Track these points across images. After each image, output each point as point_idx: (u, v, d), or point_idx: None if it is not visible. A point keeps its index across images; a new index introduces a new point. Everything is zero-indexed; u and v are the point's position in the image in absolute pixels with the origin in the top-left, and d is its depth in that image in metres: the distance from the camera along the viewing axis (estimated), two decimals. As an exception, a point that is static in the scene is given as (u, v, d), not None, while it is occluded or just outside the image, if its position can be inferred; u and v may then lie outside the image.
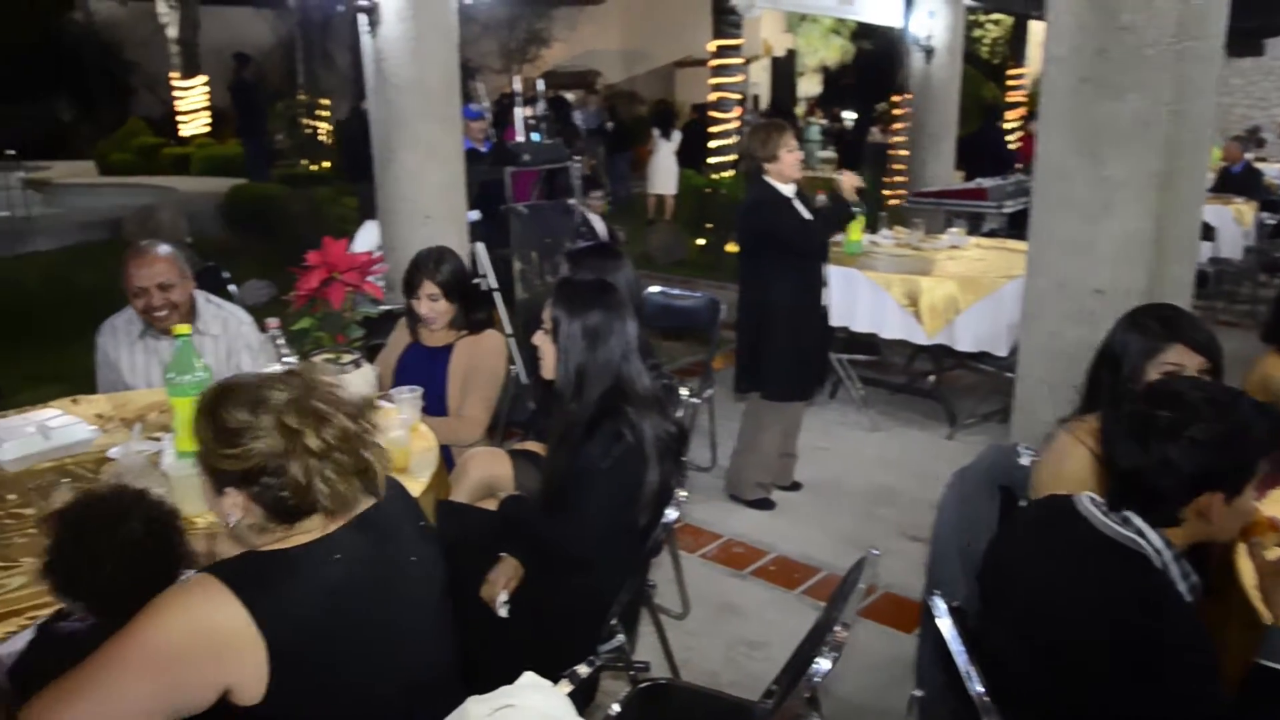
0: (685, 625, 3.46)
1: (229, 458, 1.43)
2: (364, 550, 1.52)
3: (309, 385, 1.49)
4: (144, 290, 3.09)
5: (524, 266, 5.34)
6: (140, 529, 1.60)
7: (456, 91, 4.79)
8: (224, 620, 1.36)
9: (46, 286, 8.08)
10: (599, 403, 2.39)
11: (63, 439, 2.65)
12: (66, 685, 1.38)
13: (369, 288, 2.53)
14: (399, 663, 1.56)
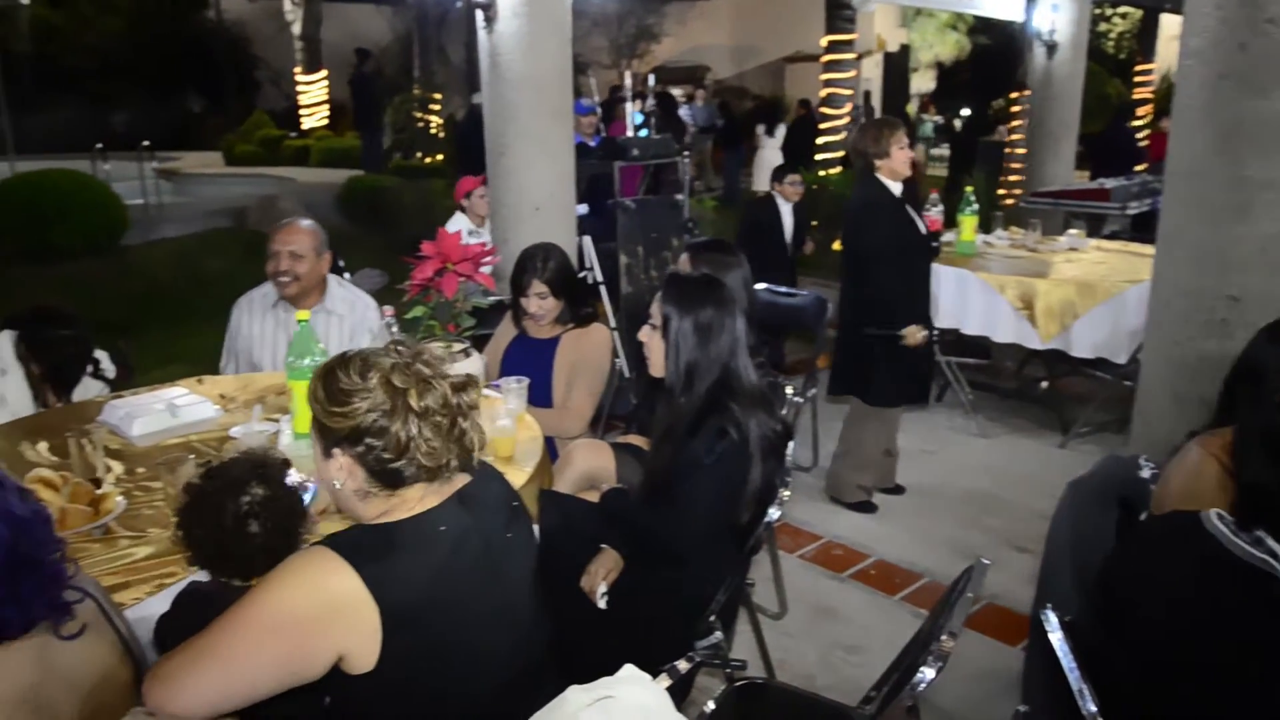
0: (782, 626, 3.43)
1: (337, 416, 1.51)
2: (466, 524, 1.56)
3: (416, 353, 1.56)
4: (276, 254, 3.27)
5: (629, 261, 5.36)
6: (261, 497, 1.66)
7: (569, 86, 4.83)
8: (340, 588, 1.42)
9: (174, 271, 8.49)
10: (705, 398, 2.39)
11: (189, 417, 2.77)
12: (194, 647, 1.45)
13: (481, 278, 2.58)
14: (500, 639, 1.60)
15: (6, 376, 3.01)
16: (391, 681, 1.46)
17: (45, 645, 1.46)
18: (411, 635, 1.45)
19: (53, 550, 1.41)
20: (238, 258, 8.83)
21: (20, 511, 1.35)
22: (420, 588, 1.48)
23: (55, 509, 2.03)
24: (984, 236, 5.92)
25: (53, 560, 1.40)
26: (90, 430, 2.55)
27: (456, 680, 1.54)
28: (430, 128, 14.11)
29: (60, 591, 1.42)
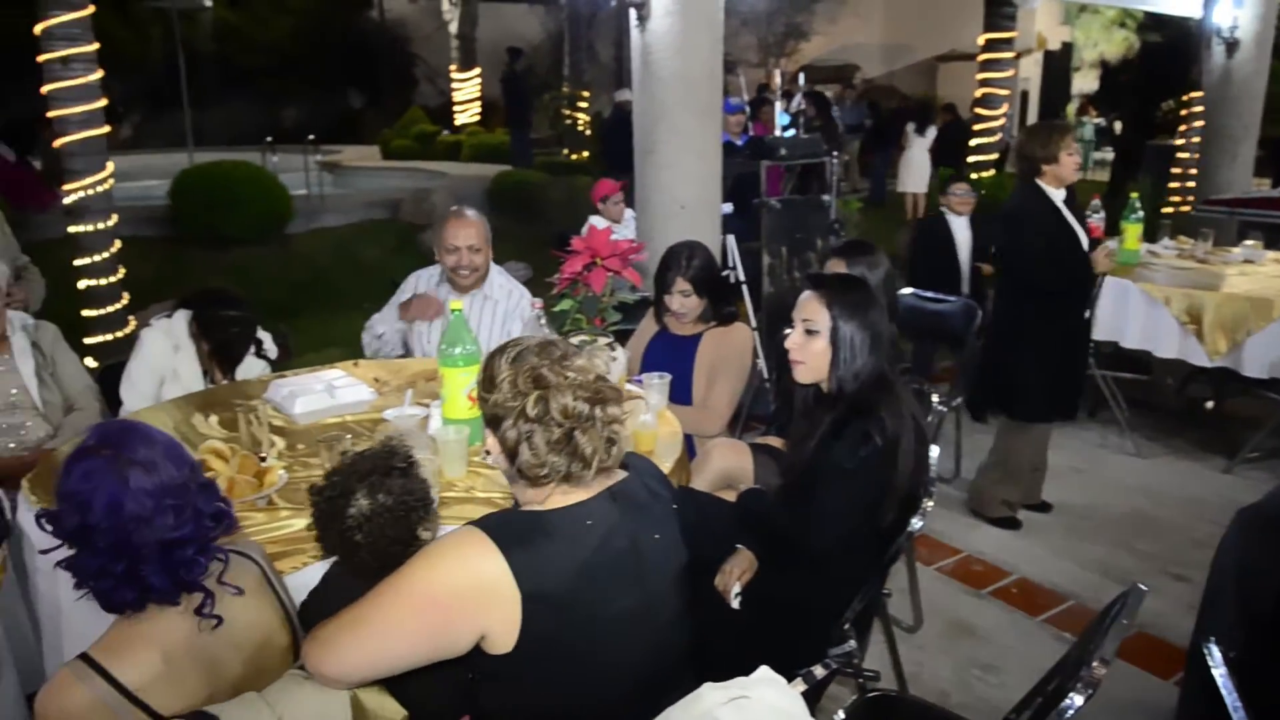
0: (916, 639, 3.35)
1: (483, 399, 1.58)
2: (615, 521, 1.59)
3: (560, 356, 1.58)
4: (457, 249, 3.39)
5: (773, 261, 5.32)
6: (371, 508, 1.68)
7: (719, 85, 4.84)
8: (488, 570, 1.47)
9: (333, 259, 8.89)
10: (853, 401, 2.34)
11: (345, 398, 2.90)
12: (350, 616, 1.53)
13: (629, 274, 2.61)
14: (638, 637, 1.61)
15: (180, 353, 3.23)
16: (527, 665, 1.50)
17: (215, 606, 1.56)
18: (549, 622, 1.49)
19: (185, 536, 1.47)
20: (391, 247, 9.20)
21: (139, 503, 1.42)
22: (561, 578, 1.51)
23: (224, 479, 2.16)
24: (1149, 246, 5.62)
25: (184, 543, 1.47)
26: (256, 407, 2.71)
27: (590, 672, 1.57)
28: (578, 125, 14.33)
29: (195, 574, 1.50)
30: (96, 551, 1.42)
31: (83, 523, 1.41)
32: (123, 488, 1.41)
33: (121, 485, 1.41)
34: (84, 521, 1.41)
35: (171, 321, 3.24)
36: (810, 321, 2.40)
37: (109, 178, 5.40)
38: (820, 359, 2.39)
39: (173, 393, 3.14)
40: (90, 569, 1.43)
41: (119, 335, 5.48)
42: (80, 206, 5.29)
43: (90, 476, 1.41)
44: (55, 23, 5.02)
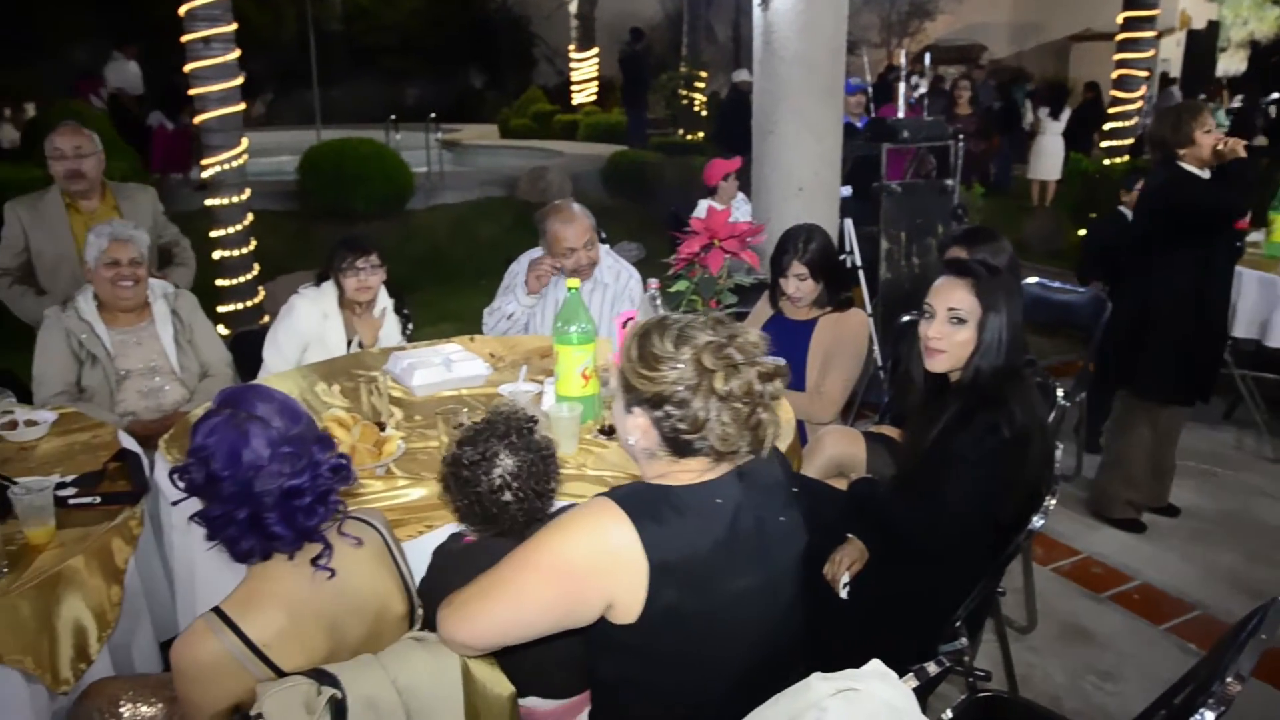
0: (1029, 640, 3.25)
1: (645, 379, 1.54)
2: (742, 500, 1.58)
3: (731, 335, 1.56)
4: (574, 250, 3.39)
5: (890, 246, 5.19)
6: (513, 468, 1.74)
7: (841, 65, 4.75)
8: (619, 540, 1.48)
9: (450, 235, 9.09)
10: (982, 391, 2.26)
11: (462, 372, 2.96)
12: (483, 584, 1.57)
13: (747, 256, 2.58)
14: (757, 617, 1.61)
15: (327, 321, 3.36)
16: (648, 637, 1.51)
17: (338, 571, 1.62)
18: (673, 596, 1.49)
19: (302, 485, 1.54)
20: (507, 225, 9.35)
21: (256, 452, 1.50)
22: (688, 552, 1.51)
23: (346, 446, 2.23)
24: (1299, 238, 5.27)
25: (301, 492, 1.54)
26: (377, 378, 2.78)
27: (709, 649, 1.57)
28: (694, 105, 14.27)
29: (313, 522, 1.57)
30: (222, 500, 1.51)
31: (208, 474, 1.50)
32: (241, 439, 1.51)
33: (240, 437, 1.51)
34: (209, 473, 1.50)
35: (320, 291, 3.38)
36: (958, 310, 2.29)
37: (243, 153, 5.63)
38: (963, 349, 2.29)
39: (314, 359, 3.29)
40: (217, 518, 1.52)
41: (249, 305, 5.73)
42: (216, 180, 5.53)
43: (213, 432, 1.52)
44: (198, 4, 5.24)
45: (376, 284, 3.38)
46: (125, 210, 3.90)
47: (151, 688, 1.91)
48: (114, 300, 3.14)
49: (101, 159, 3.85)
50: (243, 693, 1.50)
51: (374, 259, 3.33)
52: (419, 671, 1.56)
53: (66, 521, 2.13)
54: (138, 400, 3.15)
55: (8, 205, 3.80)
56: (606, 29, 16.84)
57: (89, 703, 1.89)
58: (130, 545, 2.20)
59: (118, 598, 2.11)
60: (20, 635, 1.85)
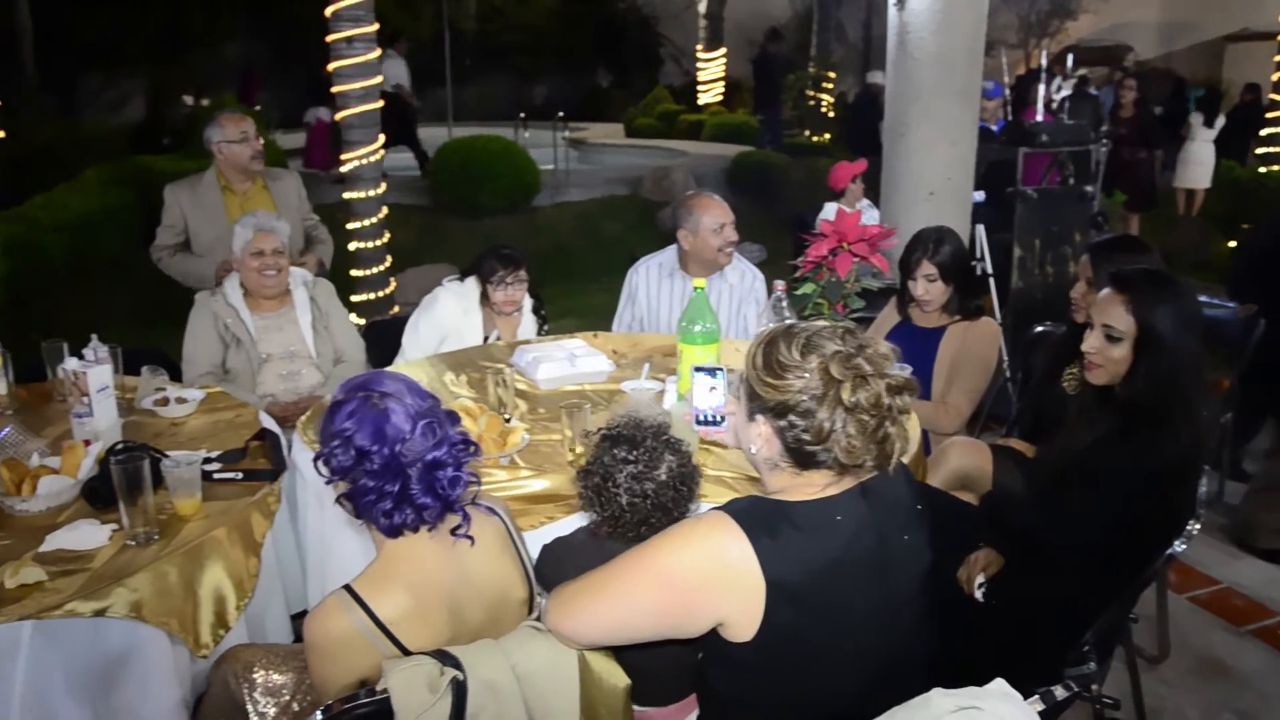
0: (1160, 672, 3.09)
1: (769, 387, 1.52)
2: (864, 518, 1.53)
3: (860, 345, 1.52)
4: (724, 225, 3.45)
5: (1024, 254, 5.02)
6: (668, 468, 1.75)
7: (979, 66, 4.62)
8: (734, 556, 1.45)
9: (575, 232, 9.21)
10: (1144, 408, 2.16)
11: (585, 367, 3.00)
12: (594, 581, 1.57)
13: (876, 260, 2.54)
14: (877, 638, 1.56)
15: (468, 315, 3.48)
16: (764, 656, 1.48)
17: (461, 555, 1.66)
18: (791, 615, 1.46)
19: (442, 457, 1.61)
20: (631, 223, 9.42)
21: (398, 427, 1.57)
22: (808, 571, 1.47)
23: (472, 435, 2.28)
24: None
25: (443, 463, 1.60)
26: (503, 370, 2.84)
27: (825, 668, 1.53)
28: (821, 106, 14.08)
29: (457, 491, 1.63)
30: (373, 475, 1.56)
31: (356, 452, 1.56)
32: (382, 416, 1.57)
33: (381, 414, 1.57)
34: (357, 451, 1.56)
35: (463, 285, 3.50)
36: (1111, 327, 2.20)
37: (380, 149, 5.83)
38: (1120, 365, 2.20)
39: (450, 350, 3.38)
40: (369, 493, 1.57)
41: (381, 295, 5.92)
42: (354, 175, 5.74)
43: (351, 415, 1.58)
44: (342, 5, 5.45)
45: (522, 296, 3.49)
46: (274, 191, 4.09)
47: (283, 657, 2.00)
48: (258, 288, 3.29)
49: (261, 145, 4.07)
50: (369, 669, 1.56)
51: (522, 274, 3.45)
52: (537, 658, 1.59)
53: (211, 495, 2.24)
54: (277, 383, 3.30)
55: (168, 189, 4.03)
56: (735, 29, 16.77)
57: (225, 667, 1.99)
58: (268, 520, 2.31)
59: (255, 569, 2.21)
60: (168, 599, 1.96)
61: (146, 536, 2.04)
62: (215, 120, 4.02)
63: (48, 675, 1.80)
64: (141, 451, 2.18)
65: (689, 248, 3.51)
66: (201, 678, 2.07)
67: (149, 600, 1.92)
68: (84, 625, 1.84)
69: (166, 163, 9.14)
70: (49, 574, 1.89)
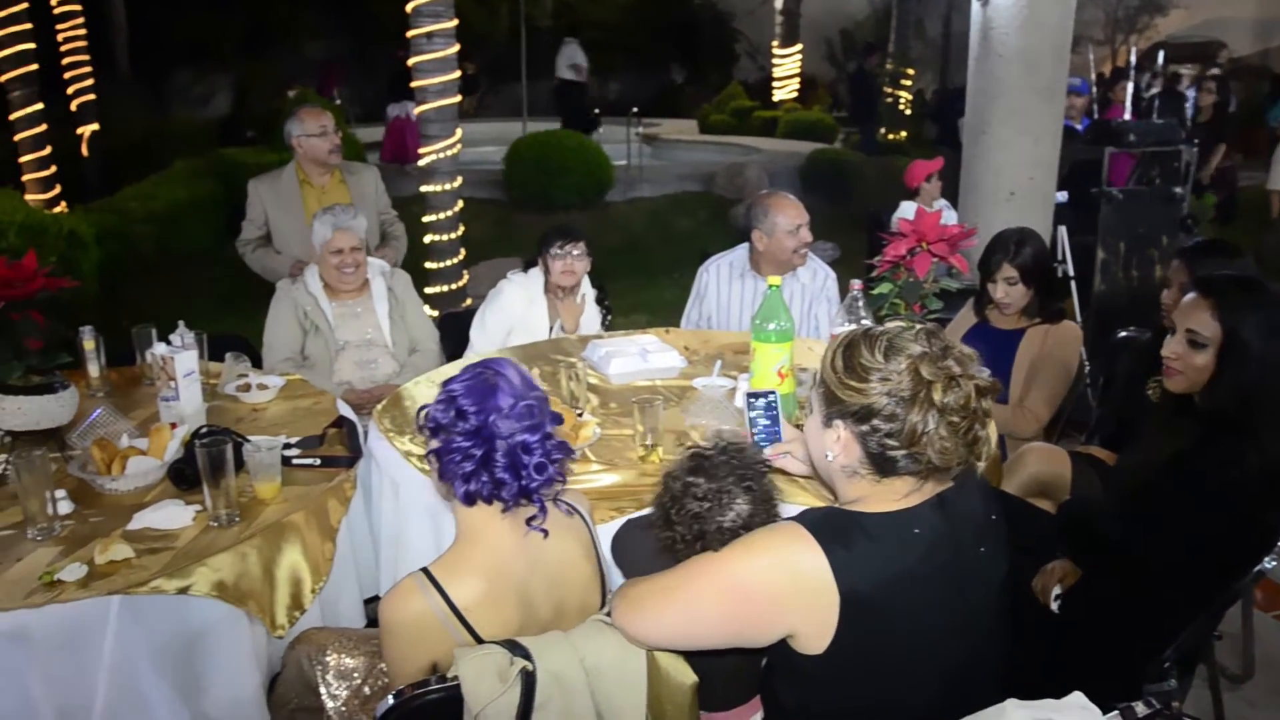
0: (1244, 691, 2.98)
1: (851, 390, 1.48)
2: (940, 530, 1.50)
3: (945, 346, 1.49)
4: (799, 227, 3.44)
5: (1107, 257, 4.88)
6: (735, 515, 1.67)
7: (1065, 64, 4.51)
8: (807, 568, 1.42)
9: (647, 228, 9.23)
10: (1228, 416, 2.09)
11: (657, 363, 3.01)
12: (662, 584, 1.57)
13: (956, 261, 2.49)
14: (952, 651, 1.53)
15: (533, 306, 3.52)
16: (836, 669, 1.46)
17: (535, 547, 1.67)
18: (865, 629, 1.43)
19: (533, 443, 1.63)
20: (703, 220, 9.40)
21: (499, 401, 1.61)
22: (883, 584, 1.44)
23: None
24: None
25: (531, 449, 1.63)
26: (576, 364, 2.86)
27: (898, 680, 1.51)
28: (899, 104, 13.87)
29: (535, 482, 1.64)
30: (465, 435, 1.60)
31: (456, 411, 1.61)
32: (489, 389, 1.62)
33: (489, 387, 1.62)
34: (457, 410, 1.61)
35: (528, 277, 3.55)
36: (1195, 333, 2.13)
37: (457, 143, 5.90)
38: (1202, 373, 2.13)
39: (517, 341, 3.45)
40: (455, 453, 1.61)
41: (454, 287, 6.00)
42: (431, 168, 5.83)
43: (464, 381, 1.64)
44: (422, 1, 5.53)
45: (581, 271, 3.50)
46: (351, 185, 4.18)
47: (355, 641, 2.04)
48: (337, 283, 3.37)
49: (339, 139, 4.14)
50: (442, 653, 1.58)
51: (581, 247, 3.47)
52: (606, 652, 1.59)
53: (289, 480, 2.29)
54: (353, 370, 3.37)
55: (251, 183, 4.15)
56: (811, 25, 16.62)
57: (300, 648, 2.04)
58: (343, 506, 2.35)
59: (330, 554, 2.26)
60: (247, 580, 2.01)
61: (228, 518, 2.09)
62: (295, 115, 4.11)
63: (134, 649, 1.86)
64: (225, 435, 2.24)
65: (763, 248, 3.48)
66: (277, 657, 2.12)
67: (229, 580, 1.97)
68: (168, 602, 1.89)
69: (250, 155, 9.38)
70: (136, 551, 1.96)
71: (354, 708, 1.96)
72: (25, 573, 1.90)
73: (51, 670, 1.80)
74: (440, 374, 3.06)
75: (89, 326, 2.95)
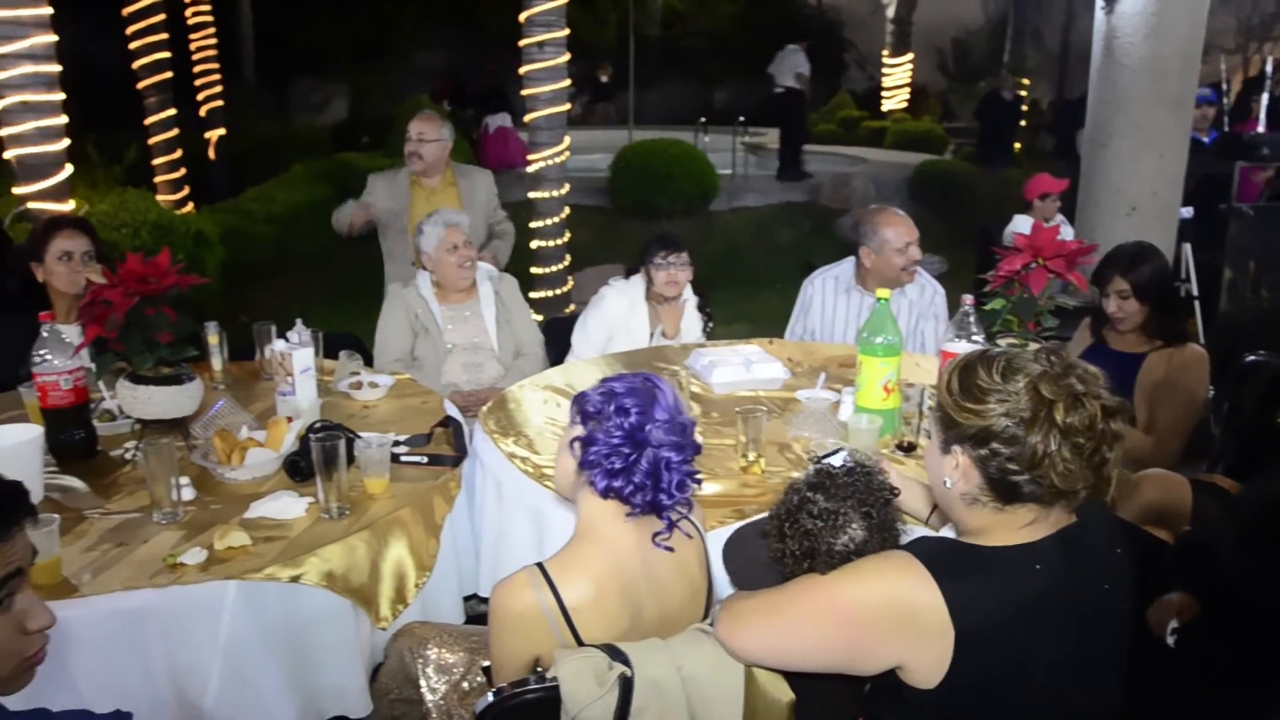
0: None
1: (968, 413, 1.42)
2: (1062, 568, 1.43)
3: (1068, 365, 1.43)
4: (909, 244, 3.39)
5: (1234, 276, 4.65)
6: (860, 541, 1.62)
7: (1194, 74, 4.33)
8: (921, 600, 1.38)
9: (750, 237, 9.19)
10: None
11: (760, 374, 2.99)
12: (769, 601, 1.55)
13: (1074, 278, 2.40)
14: (1069, 691, 1.46)
15: (634, 312, 3.56)
16: (948, 705, 1.41)
17: (652, 557, 1.68)
18: (980, 666, 1.38)
19: (676, 461, 1.65)
20: (807, 230, 9.31)
21: (655, 412, 1.64)
22: (1001, 621, 1.39)
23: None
24: None
25: (674, 466, 1.65)
26: (678, 373, 2.86)
27: (1012, 717, 1.45)
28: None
29: (668, 498, 1.66)
30: (618, 429, 1.62)
31: (616, 406, 1.63)
32: (650, 399, 1.65)
33: (650, 397, 1.65)
34: (617, 405, 1.63)
35: (629, 283, 3.59)
36: None
37: (565, 150, 5.98)
38: None
39: (618, 347, 3.48)
40: (604, 445, 1.62)
41: (558, 293, 6.08)
42: (540, 175, 5.92)
43: (627, 383, 1.67)
44: (536, 11, 5.63)
45: (684, 280, 3.52)
46: (462, 188, 4.29)
47: (455, 637, 2.07)
48: (455, 281, 3.44)
49: (444, 146, 4.22)
50: (544, 650, 1.59)
51: (684, 256, 3.49)
52: (704, 663, 1.58)
53: (397, 476, 2.35)
54: (460, 373, 3.43)
55: (372, 176, 4.40)
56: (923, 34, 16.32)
57: (401, 641, 2.08)
58: (448, 504, 2.40)
59: (434, 550, 2.30)
60: (354, 572, 2.07)
61: (339, 511, 2.16)
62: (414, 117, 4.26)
63: (247, 633, 1.93)
64: (338, 431, 2.31)
65: (870, 265, 3.43)
66: (379, 648, 2.17)
67: (338, 571, 2.03)
68: (279, 589, 1.96)
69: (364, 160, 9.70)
70: (252, 539, 2.03)
71: (452, 702, 2.00)
72: (150, 554, 1.99)
73: (171, 648, 1.88)
74: (544, 378, 3.10)
75: (214, 322, 3.08)
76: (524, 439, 2.58)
